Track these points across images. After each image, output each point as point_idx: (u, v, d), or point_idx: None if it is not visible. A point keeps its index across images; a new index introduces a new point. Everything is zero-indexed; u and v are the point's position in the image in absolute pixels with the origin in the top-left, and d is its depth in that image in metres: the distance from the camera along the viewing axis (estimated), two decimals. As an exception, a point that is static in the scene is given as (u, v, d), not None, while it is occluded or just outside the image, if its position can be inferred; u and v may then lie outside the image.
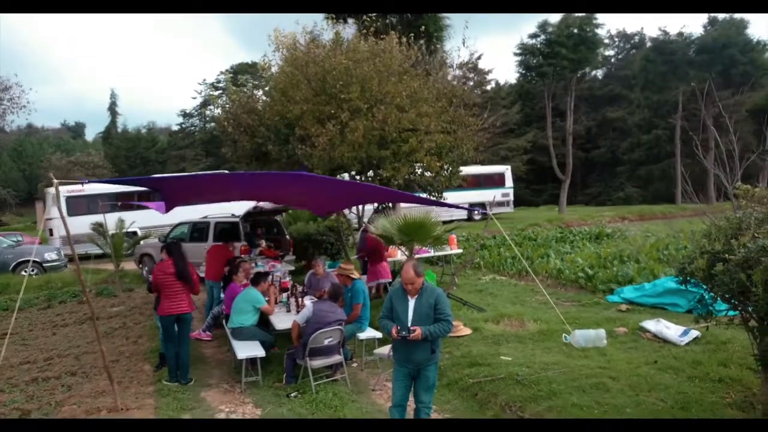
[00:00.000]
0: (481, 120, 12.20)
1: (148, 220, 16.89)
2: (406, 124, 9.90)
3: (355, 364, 6.50)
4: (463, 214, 26.12)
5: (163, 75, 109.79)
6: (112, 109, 69.07)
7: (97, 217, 13.51)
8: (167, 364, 6.26)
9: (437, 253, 10.69)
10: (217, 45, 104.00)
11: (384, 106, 9.67)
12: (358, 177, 11.31)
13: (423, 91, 10.59)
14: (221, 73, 59.19)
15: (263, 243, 12.29)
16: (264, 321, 6.72)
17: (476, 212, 10.40)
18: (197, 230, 12.99)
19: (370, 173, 11.01)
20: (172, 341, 6.11)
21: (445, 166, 11.23)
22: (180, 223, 13.60)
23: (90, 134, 77.98)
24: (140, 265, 14.39)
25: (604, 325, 6.61)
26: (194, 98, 60.55)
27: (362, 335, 6.44)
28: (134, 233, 16.31)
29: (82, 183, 7.70)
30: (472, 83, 48.23)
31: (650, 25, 74.58)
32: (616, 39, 58.84)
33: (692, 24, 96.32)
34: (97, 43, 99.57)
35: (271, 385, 5.88)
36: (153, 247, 13.97)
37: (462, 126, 11.55)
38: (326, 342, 5.63)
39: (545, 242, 14.00)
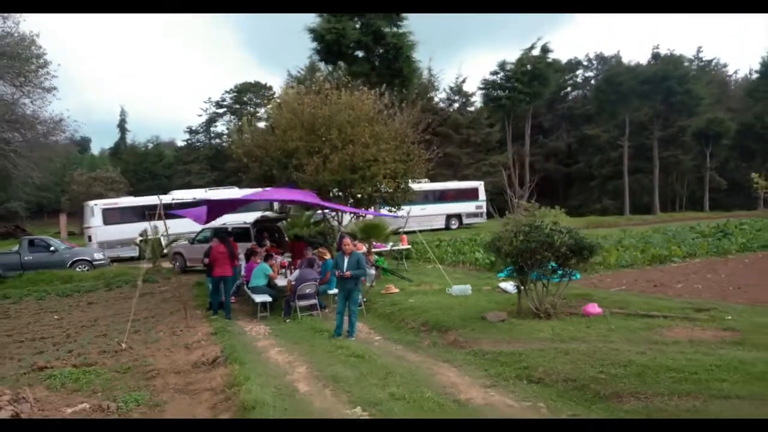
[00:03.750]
0: (430, 152, 16.32)
1: (176, 227, 21.13)
2: (369, 157, 14.10)
3: (326, 310, 10.62)
4: (441, 224, 31.08)
5: (168, 87, 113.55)
6: (122, 125, 73.55)
7: (130, 226, 17.95)
8: (212, 308, 10.44)
9: (392, 248, 14.86)
10: (229, 58, 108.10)
11: (353, 144, 13.87)
12: (340, 193, 15.48)
13: (384, 133, 14.81)
14: (226, 92, 63.77)
15: (268, 243, 16.43)
16: (269, 286, 10.88)
17: (399, 217, 14.62)
18: (217, 234, 17.14)
19: (346, 191, 15.19)
20: (217, 293, 10.34)
21: (401, 186, 15.42)
22: (203, 229, 17.78)
23: (95, 148, 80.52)
24: (173, 261, 18.55)
25: (479, 285, 10.79)
26: (200, 116, 64.53)
27: (330, 291, 10.60)
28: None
29: (193, 200, 11.85)
30: (457, 105, 52.64)
31: (627, 48, 79.31)
32: (594, 61, 63.53)
33: (640, 56, 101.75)
34: (101, 53, 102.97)
35: (275, 318, 10.05)
36: (183, 247, 18.21)
37: (415, 156, 15.73)
38: (307, 291, 9.82)
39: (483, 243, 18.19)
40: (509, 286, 10.21)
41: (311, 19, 25.67)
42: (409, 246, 14.69)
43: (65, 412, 5.63)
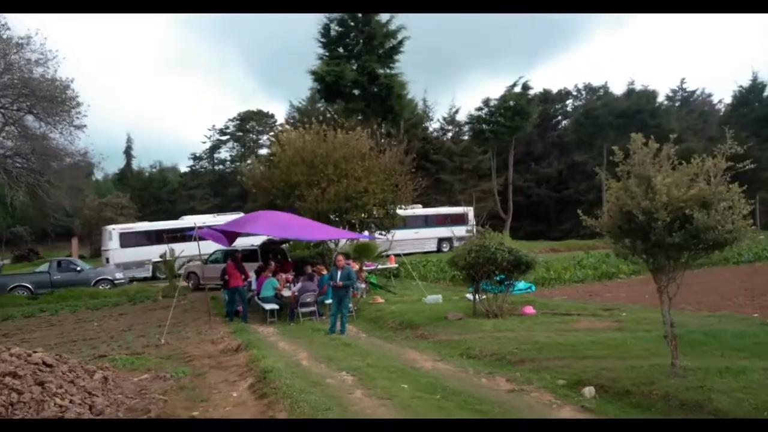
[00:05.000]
0: (416, 183, 18.70)
1: (189, 249, 23.43)
2: (361, 189, 16.46)
3: (323, 317, 12.83)
4: (433, 247, 33.45)
5: (170, 112, 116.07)
6: (128, 152, 76.12)
7: (145, 249, 20.41)
8: (228, 315, 12.67)
9: (381, 266, 17.13)
10: (232, 84, 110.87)
11: (346, 178, 16.24)
12: (337, 219, 17.80)
13: (374, 167, 17.21)
14: (229, 120, 66.66)
15: (272, 263, 18.69)
16: (276, 296, 13.12)
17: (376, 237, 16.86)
18: (228, 255, 19.43)
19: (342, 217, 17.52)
20: (233, 303, 12.60)
21: (389, 212, 17.76)
22: (216, 251, 20.08)
23: (98, 173, 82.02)
24: (187, 280, 20.78)
25: (451, 296, 13.03)
26: (204, 142, 67.17)
27: (327, 301, 12.81)
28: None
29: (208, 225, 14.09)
30: (450, 134, 55.41)
31: (614, 79, 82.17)
32: (583, 91, 66.58)
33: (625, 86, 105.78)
34: (104, 77, 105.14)
35: (281, 322, 12.27)
36: (197, 267, 20.43)
37: (403, 186, 18.11)
38: (308, 300, 12.06)
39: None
40: (471, 296, 12.44)
41: (312, 61, 28.53)
42: (397, 265, 16.97)
43: (133, 379, 7.85)
